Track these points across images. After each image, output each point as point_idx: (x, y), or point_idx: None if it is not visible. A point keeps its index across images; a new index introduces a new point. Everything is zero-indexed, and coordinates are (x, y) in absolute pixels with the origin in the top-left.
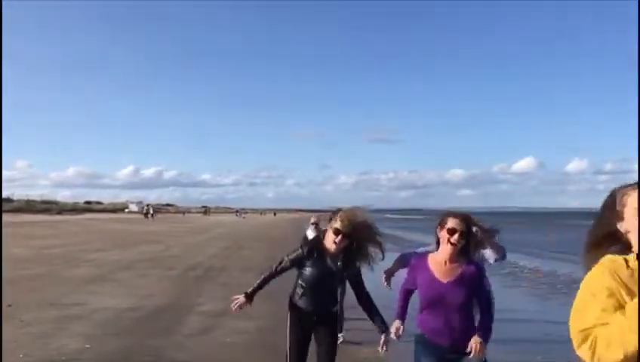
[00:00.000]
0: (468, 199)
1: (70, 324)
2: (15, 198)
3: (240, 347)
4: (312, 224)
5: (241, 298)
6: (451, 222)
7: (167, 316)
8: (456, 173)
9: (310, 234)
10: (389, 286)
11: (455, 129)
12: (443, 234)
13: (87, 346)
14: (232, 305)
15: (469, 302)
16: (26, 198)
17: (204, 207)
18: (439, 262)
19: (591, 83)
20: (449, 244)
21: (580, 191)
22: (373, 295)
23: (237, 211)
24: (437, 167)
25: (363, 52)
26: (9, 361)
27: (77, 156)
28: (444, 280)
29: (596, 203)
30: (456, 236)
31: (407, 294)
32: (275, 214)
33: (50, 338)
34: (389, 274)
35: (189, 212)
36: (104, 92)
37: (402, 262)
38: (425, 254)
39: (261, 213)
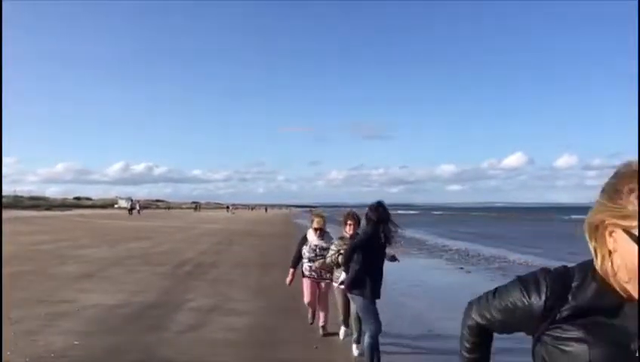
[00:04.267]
0: (457, 194)
1: (59, 321)
2: (2, 194)
3: (230, 343)
4: (316, 230)
5: None
6: None
7: (156, 312)
8: (446, 168)
9: (312, 238)
10: None
11: (445, 125)
12: None
13: (76, 343)
14: None
15: None
16: (13, 194)
17: (194, 202)
18: None
19: (581, 79)
20: None
21: (568, 186)
22: None
23: (227, 207)
24: (427, 162)
25: (354, 48)
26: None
27: (66, 152)
28: None
29: (584, 198)
30: None
31: None
32: (266, 210)
33: (39, 335)
34: None
35: (179, 208)
36: (95, 88)
37: None
38: None
39: (251, 209)
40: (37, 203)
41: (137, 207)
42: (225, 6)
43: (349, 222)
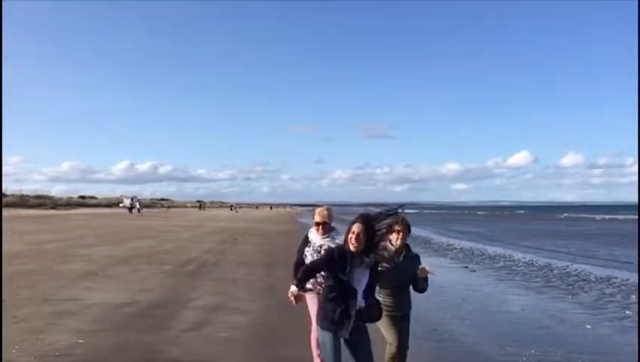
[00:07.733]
0: (462, 193)
1: (63, 320)
2: (8, 193)
3: (234, 341)
4: (318, 224)
5: None
6: None
7: (161, 311)
8: (451, 167)
9: (315, 238)
10: None
11: (450, 123)
12: None
13: (81, 341)
14: None
15: None
16: (19, 193)
17: (199, 201)
18: None
19: (586, 77)
20: None
21: (573, 185)
22: None
23: (232, 206)
24: (432, 161)
25: (358, 47)
26: (3, 357)
27: (72, 151)
28: None
29: (590, 196)
30: None
31: None
32: (271, 208)
33: (44, 333)
34: None
35: (184, 206)
36: (99, 87)
37: None
38: None
39: (256, 207)
40: (42, 202)
41: (137, 206)
42: (227, 6)
43: (396, 228)
